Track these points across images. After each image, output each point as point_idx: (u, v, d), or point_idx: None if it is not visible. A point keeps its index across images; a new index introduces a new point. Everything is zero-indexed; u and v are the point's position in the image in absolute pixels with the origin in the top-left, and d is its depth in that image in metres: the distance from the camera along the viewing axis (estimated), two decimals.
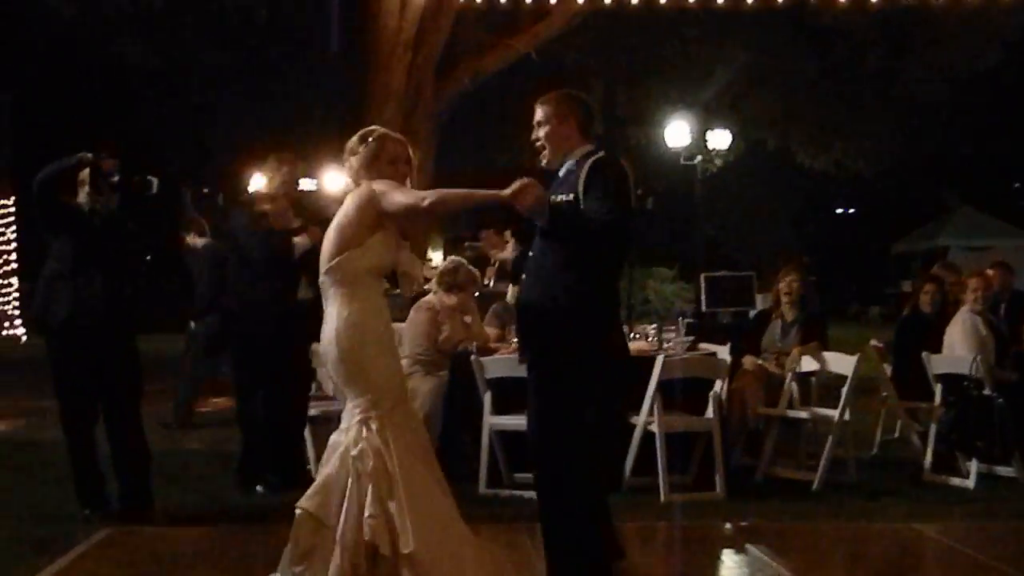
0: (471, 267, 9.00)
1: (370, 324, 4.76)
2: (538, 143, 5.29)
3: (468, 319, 8.62)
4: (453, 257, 9.20)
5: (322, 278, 4.82)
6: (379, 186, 4.77)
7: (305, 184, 19.92)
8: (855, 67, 21.02)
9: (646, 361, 7.64)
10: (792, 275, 8.94)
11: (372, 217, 4.75)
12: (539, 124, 5.28)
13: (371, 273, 4.80)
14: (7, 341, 22.77)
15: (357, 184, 4.90)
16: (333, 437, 4.81)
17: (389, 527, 4.53)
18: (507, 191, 4.73)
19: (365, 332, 4.74)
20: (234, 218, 8.09)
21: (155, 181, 7.08)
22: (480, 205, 5.17)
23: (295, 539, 4.65)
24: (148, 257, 8.66)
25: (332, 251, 4.77)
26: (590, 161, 5.10)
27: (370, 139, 4.89)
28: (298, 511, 4.65)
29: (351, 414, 4.74)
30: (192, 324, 10.85)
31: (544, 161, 5.30)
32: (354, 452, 4.62)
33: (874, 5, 15.43)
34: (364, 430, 4.66)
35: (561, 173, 5.24)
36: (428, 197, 4.73)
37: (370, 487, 4.55)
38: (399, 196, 4.75)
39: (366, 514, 4.53)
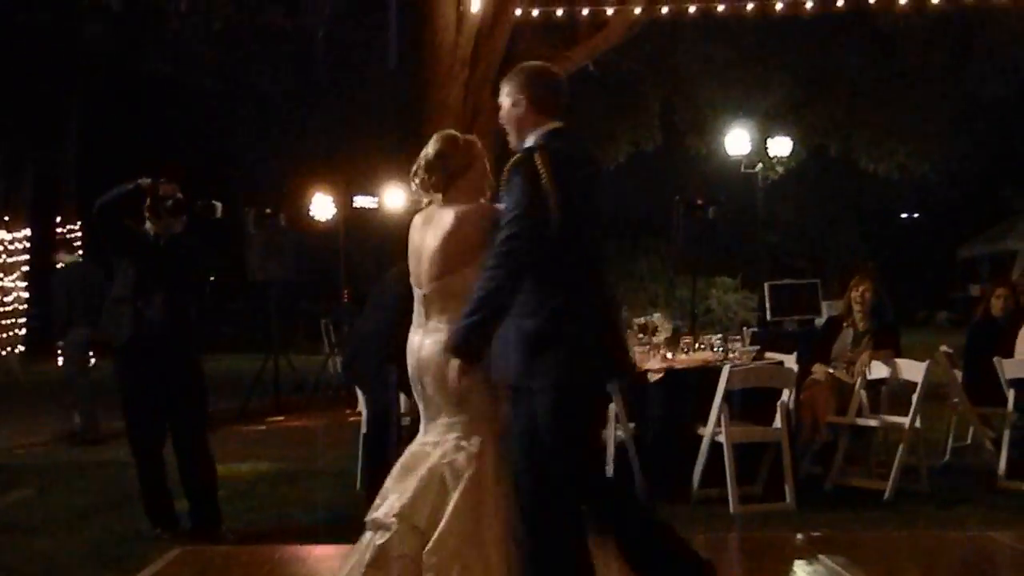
0: None
1: None
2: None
3: None
4: None
5: (427, 292, 4.68)
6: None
7: (364, 201, 20.16)
8: (918, 69, 20.78)
9: (711, 371, 7.60)
10: (864, 284, 8.79)
11: (489, 236, 4.52)
12: (500, 104, 4.59)
13: None
14: None
15: (437, 190, 4.74)
16: (416, 446, 4.71)
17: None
18: None
19: None
20: None
21: (219, 205, 7.16)
22: None
23: (384, 547, 4.50)
24: (212, 279, 8.73)
25: (443, 267, 4.63)
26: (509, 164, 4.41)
27: (460, 142, 4.75)
28: (392, 520, 4.53)
29: (446, 428, 4.64)
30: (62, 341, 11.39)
31: (511, 144, 4.59)
32: (446, 460, 4.55)
33: (936, 6, 15.21)
34: (462, 443, 4.58)
35: None
36: None
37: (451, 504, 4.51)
38: None
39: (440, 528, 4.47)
